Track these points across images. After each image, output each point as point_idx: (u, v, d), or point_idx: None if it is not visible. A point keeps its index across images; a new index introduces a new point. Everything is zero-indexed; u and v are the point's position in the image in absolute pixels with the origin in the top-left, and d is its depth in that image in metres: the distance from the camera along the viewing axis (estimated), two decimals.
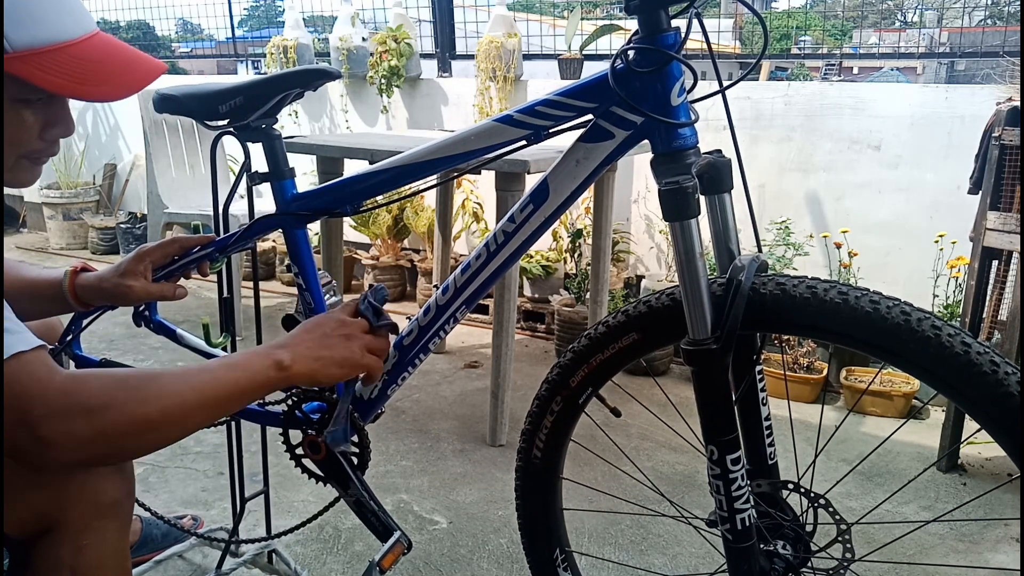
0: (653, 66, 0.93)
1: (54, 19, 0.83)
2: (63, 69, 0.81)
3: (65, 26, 0.83)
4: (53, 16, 0.83)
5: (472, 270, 1.14)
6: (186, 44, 6.75)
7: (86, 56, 0.84)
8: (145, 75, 0.88)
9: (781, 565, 1.07)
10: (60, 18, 0.83)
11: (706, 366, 0.96)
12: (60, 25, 0.83)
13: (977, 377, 0.85)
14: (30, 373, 0.75)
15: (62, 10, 0.84)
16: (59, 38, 0.82)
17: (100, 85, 0.84)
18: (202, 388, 0.85)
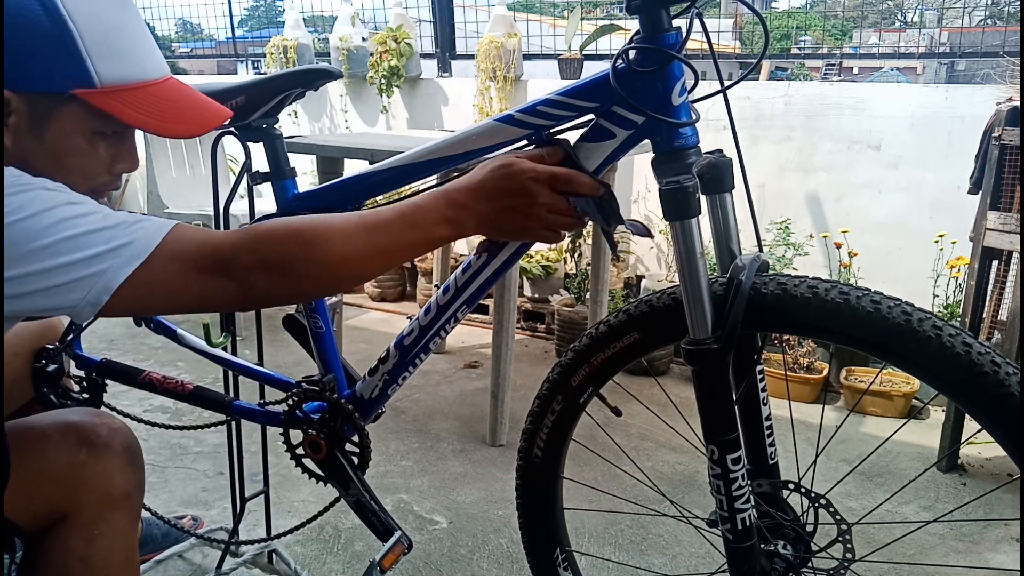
0: (654, 66, 0.93)
1: (140, 59, 0.88)
2: (146, 107, 0.86)
3: (148, 67, 0.89)
4: (140, 57, 0.88)
5: (473, 270, 1.14)
6: (186, 44, 6.75)
7: (165, 96, 0.89)
8: (214, 117, 0.94)
9: (781, 565, 1.07)
10: (145, 59, 0.88)
11: (707, 366, 0.96)
12: (144, 65, 0.88)
13: (978, 377, 0.85)
14: (193, 237, 0.81)
15: (146, 52, 0.89)
16: (143, 77, 0.88)
17: (178, 123, 0.90)
18: (379, 246, 0.87)
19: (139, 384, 1.36)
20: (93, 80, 0.83)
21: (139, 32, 0.89)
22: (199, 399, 1.35)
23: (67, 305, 0.76)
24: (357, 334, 3.17)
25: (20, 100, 0.81)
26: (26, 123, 0.82)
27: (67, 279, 0.74)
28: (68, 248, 0.74)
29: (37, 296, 0.74)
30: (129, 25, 0.87)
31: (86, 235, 0.76)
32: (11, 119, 0.82)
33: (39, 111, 0.82)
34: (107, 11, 0.85)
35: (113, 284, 0.75)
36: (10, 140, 0.82)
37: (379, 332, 3.23)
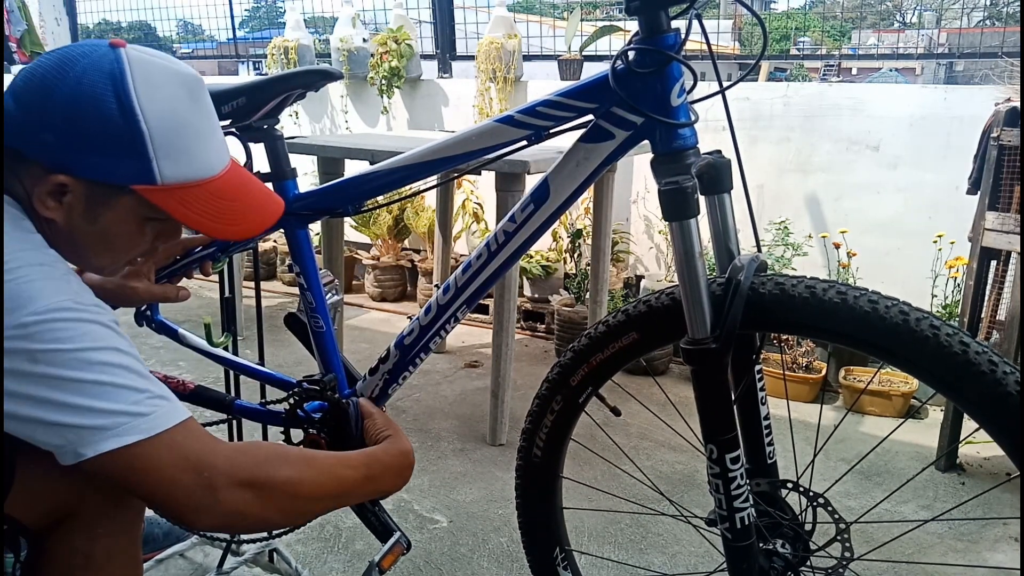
0: (653, 67, 0.94)
1: (203, 156, 0.87)
2: (202, 206, 0.87)
3: (210, 162, 0.88)
4: (203, 153, 0.88)
5: (473, 270, 1.15)
6: (187, 45, 6.75)
7: (222, 193, 0.89)
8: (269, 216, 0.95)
9: (780, 564, 1.08)
10: (208, 155, 0.88)
11: (706, 365, 0.97)
12: (207, 162, 0.88)
13: (976, 376, 0.85)
14: (198, 440, 0.81)
15: (209, 148, 0.89)
16: (204, 175, 0.87)
17: (231, 225, 0.90)
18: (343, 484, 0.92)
19: None
20: (155, 178, 0.83)
21: (207, 126, 0.89)
22: (200, 399, 1.35)
23: (56, 444, 0.75)
24: (358, 334, 3.18)
25: (78, 184, 0.82)
26: (81, 206, 0.83)
27: (72, 421, 0.74)
28: (95, 392, 0.75)
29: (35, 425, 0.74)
30: (199, 121, 0.87)
31: (115, 388, 0.76)
32: (67, 198, 0.82)
33: (96, 197, 0.83)
34: (180, 107, 0.85)
35: (108, 445, 0.75)
36: (62, 217, 0.83)
37: (379, 332, 3.23)
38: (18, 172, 0.82)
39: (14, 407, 0.74)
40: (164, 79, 0.84)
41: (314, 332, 1.32)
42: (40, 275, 0.76)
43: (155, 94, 0.83)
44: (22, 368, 0.72)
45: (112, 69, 0.81)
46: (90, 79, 0.80)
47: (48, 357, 0.73)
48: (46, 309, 0.74)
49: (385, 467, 0.99)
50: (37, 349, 0.73)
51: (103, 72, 0.81)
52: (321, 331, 1.31)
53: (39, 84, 0.81)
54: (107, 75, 0.81)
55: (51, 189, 0.82)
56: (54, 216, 0.83)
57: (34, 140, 0.81)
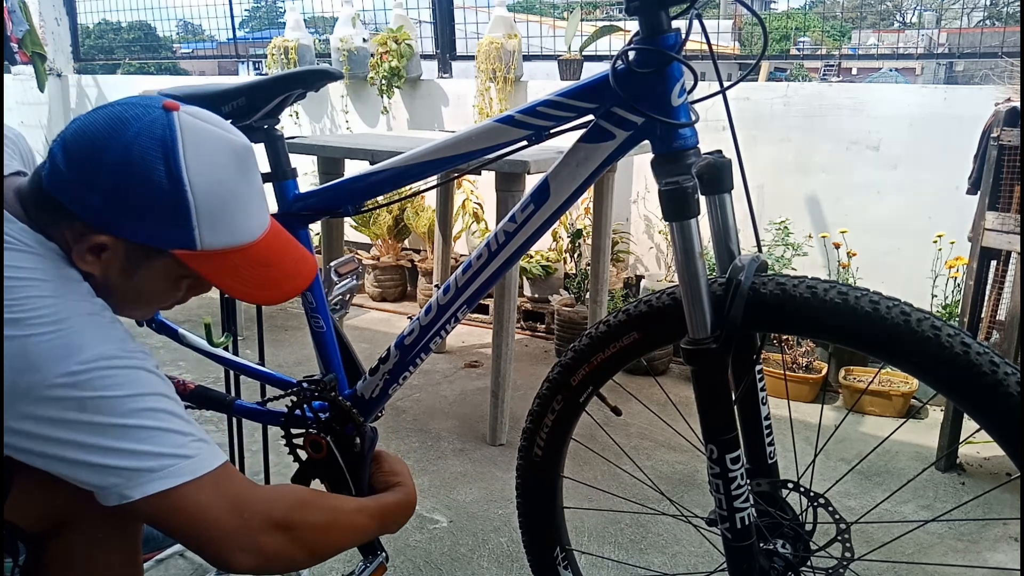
0: (654, 67, 0.94)
1: (244, 224, 0.88)
2: (236, 271, 0.88)
3: (250, 230, 0.89)
4: (245, 222, 0.88)
5: (473, 270, 1.15)
6: (187, 45, 6.75)
7: (259, 259, 0.90)
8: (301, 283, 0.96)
9: (780, 564, 1.08)
10: (248, 222, 0.89)
11: (706, 365, 0.97)
12: (246, 229, 0.88)
13: (977, 377, 0.85)
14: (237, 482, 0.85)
15: (251, 215, 0.89)
16: (243, 241, 0.88)
17: (264, 290, 0.91)
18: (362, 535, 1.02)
19: None
20: (195, 245, 0.84)
21: (252, 194, 0.89)
22: (201, 399, 1.35)
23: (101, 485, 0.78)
24: (358, 334, 3.18)
25: (119, 244, 0.83)
26: (119, 264, 0.84)
27: (119, 464, 0.77)
28: (141, 437, 0.77)
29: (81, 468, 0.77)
30: (244, 191, 0.88)
31: (163, 432, 0.79)
32: (105, 255, 0.83)
33: (135, 256, 0.85)
34: (228, 178, 0.85)
35: (154, 488, 0.78)
36: (99, 271, 0.84)
37: (380, 332, 3.23)
38: (60, 224, 0.83)
39: (62, 452, 0.76)
40: (214, 148, 0.85)
41: (314, 332, 1.32)
42: (87, 325, 0.79)
43: (204, 164, 0.83)
44: (71, 416, 0.75)
45: (164, 136, 0.81)
46: (141, 145, 0.80)
47: (96, 404, 0.75)
48: (95, 357, 0.76)
49: (395, 517, 1.06)
50: (86, 396, 0.75)
51: (155, 139, 0.81)
52: (321, 331, 1.31)
53: (90, 142, 0.81)
54: (159, 141, 0.81)
55: (92, 247, 0.83)
56: (91, 270, 0.84)
57: (80, 200, 0.81)
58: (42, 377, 0.74)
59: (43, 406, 0.74)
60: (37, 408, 0.74)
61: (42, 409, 0.74)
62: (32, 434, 0.75)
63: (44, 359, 0.74)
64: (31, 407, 0.74)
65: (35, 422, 0.74)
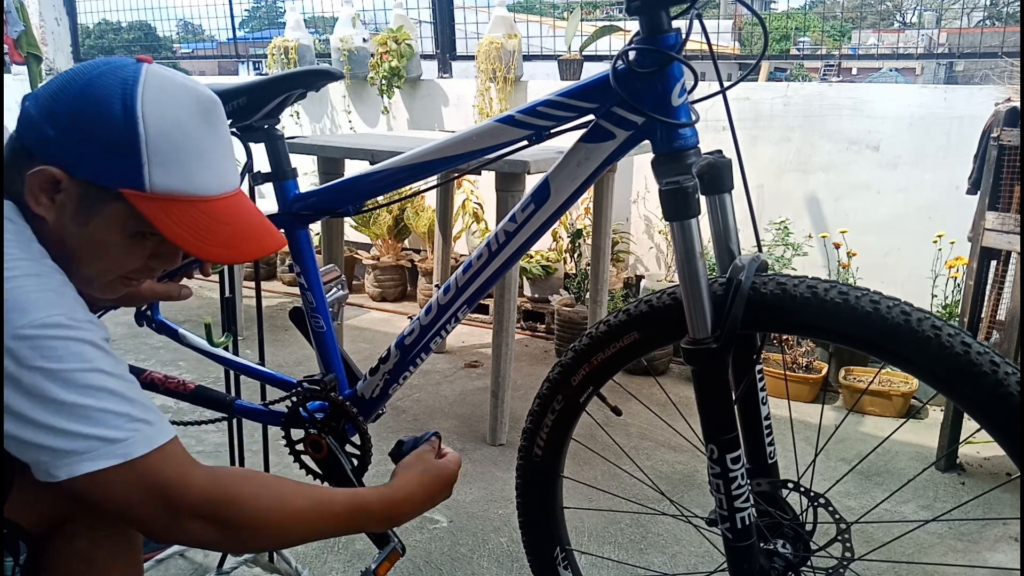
0: (654, 67, 0.94)
1: (201, 174, 0.86)
2: (189, 222, 0.84)
3: (208, 183, 0.86)
4: (202, 172, 0.86)
5: (474, 270, 1.15)
6: (187, 45, 6.75)
7: (215, 215, 0.87)
8: (263, 248, 0.92)
9: (781, 564, 1.08)
10: (207, 175, 0.86)
11: (706, 365, 0.97)
12: (204, 181, 0.86)
13: (977, 377, 0.85)
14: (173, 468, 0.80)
15: (211, 168, 0.87)
16: (198, 192, 0.85)
17: (217, 246, 0.87)
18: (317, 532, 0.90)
19: (141, 384, 1.36)
20: (144, 184, 0.82)
21: (213, 147, 0.87)
22: (201, 399, 1.35)
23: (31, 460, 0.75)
24: (358, 334, 3.18)
25: (72, 183, 0.82)
26: (73, 206, 0.83)
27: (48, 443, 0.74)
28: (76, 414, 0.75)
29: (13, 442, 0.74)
30: (204, 139, 0.86)
31: (95, 411, 0.76)
32: (59, 196, 0.82)
33: (88, 199, 0.83)
34: (186, 120, 0.84)
35: (80, 470, 0.75)
36: (52, 216, 0.83)
37: (380, 332, 3.23)
38: (22, 169, 0.82)
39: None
40: (178, 93, 0.84)
41: (314, 332, 1.32)
42: (36, 286, 0.76)
43: (163, 104, 0.83)
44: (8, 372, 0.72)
45: (127, 76, 0.82)
46: (104, 81, 0.81)
47: (31, 375, 0.73)
48: (39, 324, 0.73)
49: (370, 516, 0.94)
50: (23, 362, 0.72)
51: (117, 77, 0.82)
52: (322, 331, 1.31)
53: (58, 85, 0.83)
54: (120, 80, 0.82)
55: (44, 182, 0.81)
56: (45, 214, 0.82)
57: (39, 134, 0.81)
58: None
59: None
60: None
61: None
62: None
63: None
64: None
65: None
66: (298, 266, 1.29)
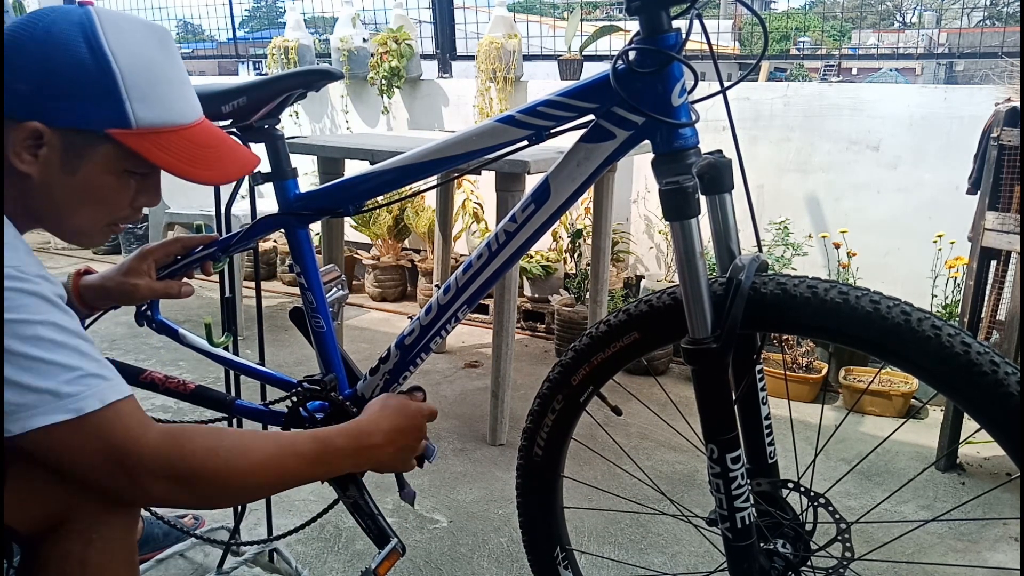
0: (654, 67, 0.94)
1: (176, 103, 0.89)
2: (177, 150, 0.87)
3: (183, 111, 0.90)
4: (176, 100, 0.89)
5: (474, 270, 1.15)
6: (187, 45, 6.75)
7: (197, 140, 0.90)
8: (243, 165, 0.95)
9: (781, 564, 1.08)
10: (180, 103, 0.89)
11: (706, 365, 0.97)
12: (180, 109, 0.89)
13: (977, 377, 0.85)
14: (127, 425, 0.79)
15: (182, 96, 0.90)
16: (177, 121, 0.88)
17: (206, 169, 0.90)
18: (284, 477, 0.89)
19: (140, 384, 1.37)
20: (130, 122, 0.83)
21: (177, 75, 0.90)
22: (201, 399, 1.35)
23: None
24: (358, 334, 3.18)
25: (54, 135, 0.82)
26: (58, 157, 0.83)
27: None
28: (24, 366, 0.73)
29: None
30: (169, 68, 0.88)
31: (45, 364, 0.74)
32: (42, 151, 0.82)
33: (73, 147, 0.83)
34: (150, 53, 0.86)
35: (31, 424, 0.74)
36: (37, 171, 0.83)
37: (380, 332, 3.23)
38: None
39: None
40: (132, 27, 0.86)
41: (315, 332, 1.32)
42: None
43: (125, 39, 0.84)
44: None
45: (82, 20, 0.83)
46: (60, 27, 0.82)
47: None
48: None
49: (338, 451, 0.93)
50: None
51: (72, 22, 0.82)
52: (322, 331, 1.31)
53: (9, 42, 0.82)
54: (76, 24, 0.82)
55: (26, 138, 0.81)
56: (30, 170, 0.82)
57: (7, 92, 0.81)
58: None
59: None
60: None
61: None
62: None
63: None
64: None
65: None
66: (298, 266, 1.29)
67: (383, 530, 1.22)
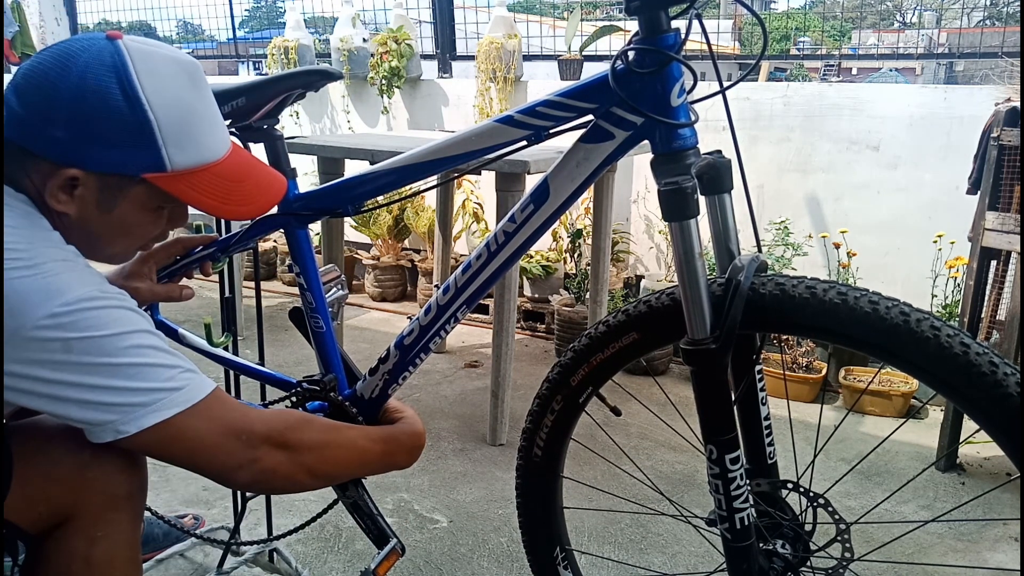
0: (653, 67, 0.94)
1: (209, 141, 0.90)
2: (209, 188, 0.90)
3: (214, 147, 0.91)
4: (208, 138, 0.90)
5: (473, 270, 1.14)
6: (187, 45, 6.75)
7: (228, 175, 0.92)
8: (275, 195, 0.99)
9: (780, 564, 1.08)
10: (212, 140, 0.91)
11: (706, 366, 0.97)
12: (211, 146, 0.91)
13: (976, 377, 0.85)
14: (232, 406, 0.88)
15: (213, 132, 0.91)
16: (210, 159, 0.90)
17: (239, 205, 0.93)
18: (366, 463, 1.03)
19: None
20: (165, 166, 0.86)
21: (207, 110, 0.91)
22: None
23: (95, 421, 0.80)
24: (358, 334, 3.18)
25: (90, 177, 0.84)
26: (94, 197, 0.86)
27: (112, 400, 0.79)
28: (130, 374, 0.79)
29: (72, 405, 0.79)
30: (201, 107, 0.90)
31: (150, 367, 0.81)
32: (78, 191, 0.85)
33: (109, 188, 0.86)
34: (184, 94, 0.87)
35: (150, 421, 0.80)
36: (74, 210, 0.86)
37: (380, 332, 3.23)
38: (27, 169, 0.84)
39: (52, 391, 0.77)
40: (165, 67, 0.87)
41: (314, 332, 1.32)
42: (64, 269, 0.80)
43: (159, 83, 0.85)
44: (58, 358, 0.76)
45: (114, 62, 0.83)
46: (94, 73, 0.82)
47: (83, 344, 0.77)
48: (76, 299, 0.77)
49: (400, 445, 1.07)
50: (72, 337, 0.76)
51: (105, 65, 0.83)
52: (321, 331, 1.31)
53: (41, 81, 0.83)
54: (110, 68, 0.83)
55: (63, 183, 0.83)
56: (67, 210, 0.85)
57: (41, 137, 0.82)
58: (25, 320, 0.75)
59: (29, 348, 0.75)
60: (23, 351, 0.75)
61: (28, 352, 0.75)
62: (20, 375, 0.76)
63: (25, 303, 0.75)
64: (17, 350, 0.75)
65: (22, 364, 0.76)
66: (298, 266, 1.29)
67: (383, 530, 1.22)
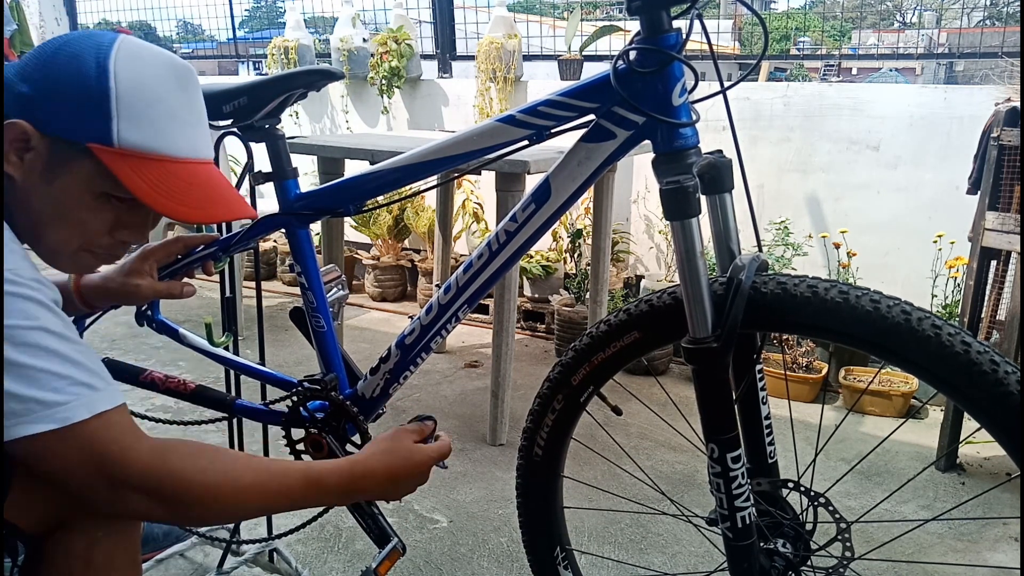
0: (655, 66, 0.94)
1: (171, 135, 0.86)
2: (156, 181, 0.84)
3: (178, 145, 0.87)
4: (172, 133, 0.86)
5: (474, 269, 1.15)
6: (187, 45, 6.75)
7: (185, 177, 0.87)
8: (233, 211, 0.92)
9: (781, 563, 1.08)
10: (175, 133, 0.87)
11: (707, 365, 0.97)
12: (174, 142, 0.87)
13: (977, 376, 0.85)
14: (114, 438, 0.78)
15: (183, 133, 0.88)
16: (167, 152, 0.86)
17: (185, 207, 0.86)
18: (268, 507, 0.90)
19: (141, 383, 1.37)
20: (111, 139, 0.82)
21: (187, 114, 0.88)
22: (201, 398, 1.35)
23: None
24: (358, 334, 3.18)
25: (42, 140, 0.83)
26: (41, 164, 0.83)
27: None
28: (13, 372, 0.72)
29: None
30: (178, 104, 0.87)
31: (35, 371, 0.73)
32: (29, 155, 0.82)
33: (56, 156, 0.83)
34: (160, 85, 0.86)
35: (16, 433, 0.73)
36: (20, 174, 0.83)
37: (380, 332, 3.23)
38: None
39: None
40: (153, 59, 0.87)
41: (315, 332, 1.32)
42: None
43: (136, 65, 0.85)
44: None
45: (103, 41, 0.84)
46: (80, 45, 0.84)
47: None
48: None
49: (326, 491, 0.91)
50: None
51: (94, 43, 0.84)
52: (322, 331, 1.31)
53: (35, 50, 0.85)
54: (96, 44, 0.84)
55: (15, 138, 0.82)
56: (13, 172, 0.83)
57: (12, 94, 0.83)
58: None
59: None
60: None
61: None
62: None
63: None
64: None
65: None
66: (298, 266, 1.29)
67: (383, 530, 1.22)
